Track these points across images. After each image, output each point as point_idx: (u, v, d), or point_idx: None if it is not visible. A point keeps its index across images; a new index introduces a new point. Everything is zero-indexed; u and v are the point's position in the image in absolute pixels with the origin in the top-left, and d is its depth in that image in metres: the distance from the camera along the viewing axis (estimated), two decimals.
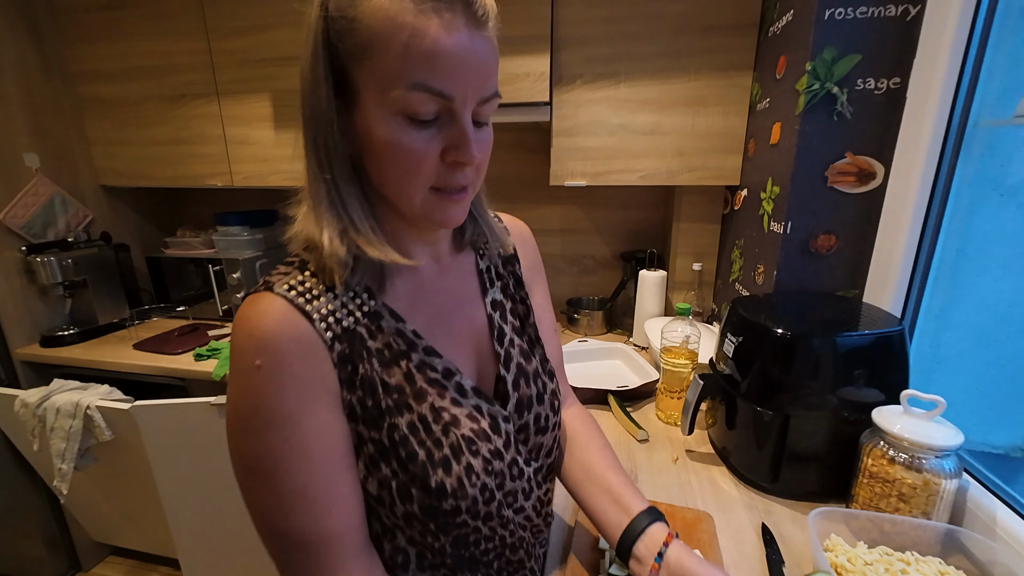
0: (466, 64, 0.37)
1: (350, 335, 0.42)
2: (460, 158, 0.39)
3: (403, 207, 0.42)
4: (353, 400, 0.42)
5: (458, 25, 0.36)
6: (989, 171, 0.74)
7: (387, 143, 0.38)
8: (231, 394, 0.39)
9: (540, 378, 0.53)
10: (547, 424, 0.53)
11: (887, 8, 0.79)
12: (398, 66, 0.36)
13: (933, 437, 0.60)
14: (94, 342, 1.50)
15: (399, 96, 0.36)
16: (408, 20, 0.35)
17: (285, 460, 0.38)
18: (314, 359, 0.40)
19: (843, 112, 0.84)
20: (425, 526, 0.44)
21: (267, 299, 0.39)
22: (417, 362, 0.45)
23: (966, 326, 0.81)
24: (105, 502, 1.45)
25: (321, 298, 0.41)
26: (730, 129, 1.16)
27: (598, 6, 1.14)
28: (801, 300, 0.88)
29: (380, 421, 0.42)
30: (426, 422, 0.43)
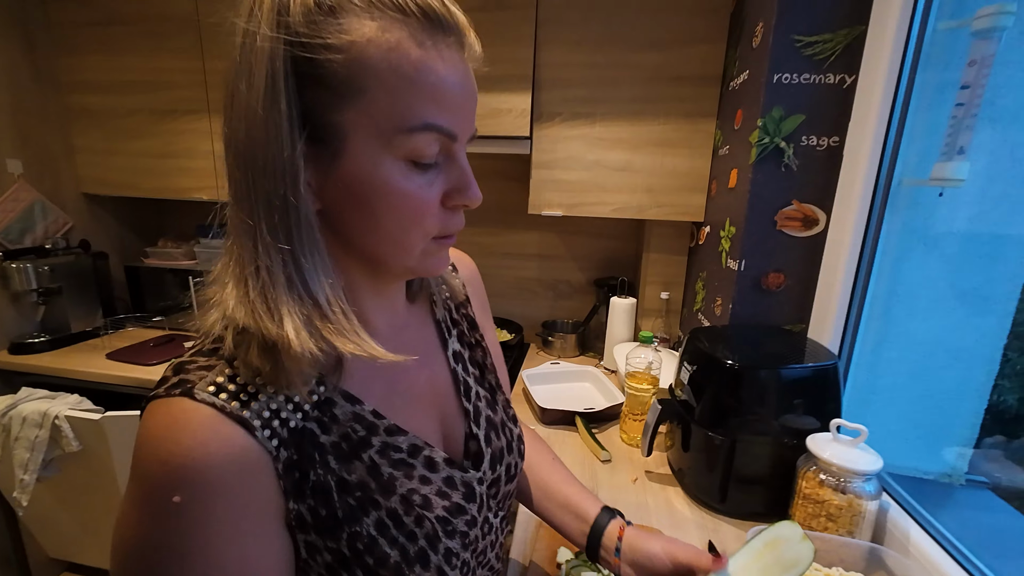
0: (468, 101, 0.34)
1: (298, 436, 0.33)
2: (466, 201, 0.35)
3: (396, 262, 0.36)
4: (302, 509, 0.33)
5: (458, 59, 0.32)
6: (914, 223, 0.84)
7: (389, 193, 0.32)
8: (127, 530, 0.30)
9: (507, 426, 0.50)
10: (515, 472, 0.50)
11: (827, 76, 0.89)
12: (403, 104, 0.30)
13: (857, 462, 0.67)
14: (66, 350, 1.48)
15: (402, 138, 0.31)
16: (411, 53, 0.30)
17: None
18: (253, 480, 0.31)
19: (790, 164, 0.93)
20: None
21: (186, 408, 0.29)
22: (379, 447, 0.37)
23: (898, 361, 0.89)
24: (65, 515, 1.42)
25: (260, 395, 0.32)
26: (695, 170, 1.26)
27: (578, 52, 1.24)
28: (752, 333, 0.96)
29: (338, 531, 0.34)
30: (396, 516, 0.37)
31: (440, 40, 0.31)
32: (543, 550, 0.70)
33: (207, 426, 0.29)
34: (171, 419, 0.29)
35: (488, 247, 1.72)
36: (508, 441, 0.49)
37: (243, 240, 0.31)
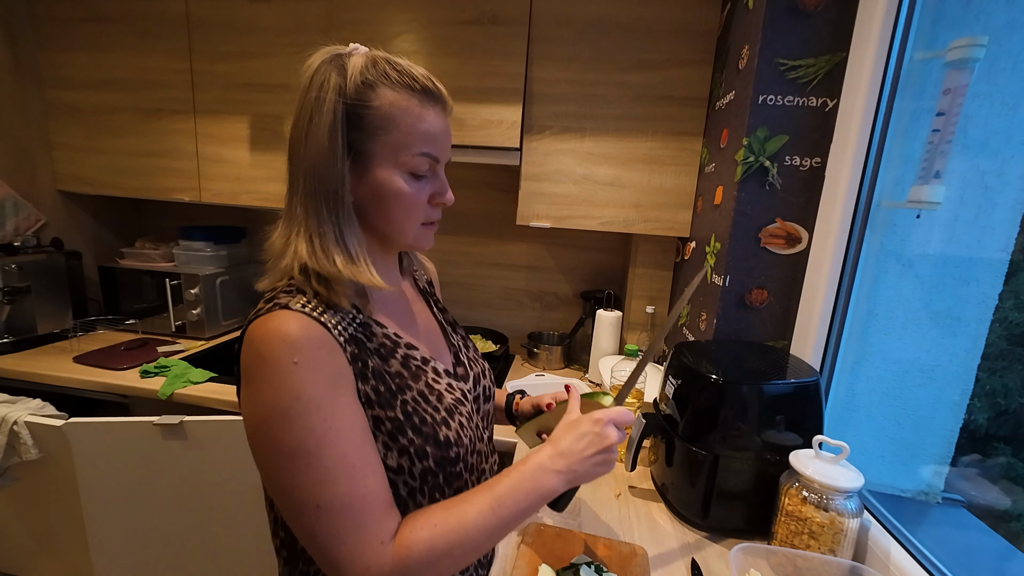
0: (446, 139, 0.54)
1: (355, 340, 0.50)
2: (443, 200, 0.56)
3: (398, 239, 0.55)
4: (367, 389, 0.50)
5: (441, 114, 0.53)
6: (891, 244, 0.86)
7: (397, 193, 0.51)
8: (264, 395, 0.44)
9: (479, 361, 0.69)
10: (491, 394, 0.68)
11: (809, 99, 0.92)
12: (408, 139, 0.50)
13: (838, 479, 0.67)
14: (30, 352, 1.42)
15: (407, 159, 0.51)
16: (415, 112, 0.50)
17: (325, 437, 0.45)
18: (337, 357, 0.47)
19: (774, 183, 0.95)
20: (436, 479, 0.54)
21: (288, 314, 0.46)
22: (403, 355, 0.55)
23: (875, 379, 0.91)
24: (20, 527, 1.34)
25: (326, 313, 0.49)
26: (682, 187, 1.28)
27: (568, 70, 1.26)
28: (736, 348, 0.96)
29: (393, 401, 0.51)
30: (424, 395, 0.54)
31: (431, 105, 0.52)
32: (523, 567, 0.68)
33: (304, 322, 0.46)
34: (280, 319, 0.45)
35: (477, 257, 1.72)
36: (482, 370, 0.68)
37: (309, 218, 0.49)
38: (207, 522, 1.21)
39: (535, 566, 0.68)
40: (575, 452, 0.52)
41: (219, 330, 1.64)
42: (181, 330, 1.59)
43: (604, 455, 0.53)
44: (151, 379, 1.28)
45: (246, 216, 1.83)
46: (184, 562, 1.23)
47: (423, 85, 0.51)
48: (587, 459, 0.52)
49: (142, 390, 1.24)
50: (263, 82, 1.42)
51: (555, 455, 0.52)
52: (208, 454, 1.16)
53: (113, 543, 1.19)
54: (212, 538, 1.22)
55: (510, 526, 0.49)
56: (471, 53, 1.26)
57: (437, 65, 1.27)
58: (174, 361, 1.36)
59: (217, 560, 1.24)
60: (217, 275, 1.61)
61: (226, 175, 1.50)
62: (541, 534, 0.75)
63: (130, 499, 1.16)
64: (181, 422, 1.12)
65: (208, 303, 1.58)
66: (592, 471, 0.53)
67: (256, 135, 1.46)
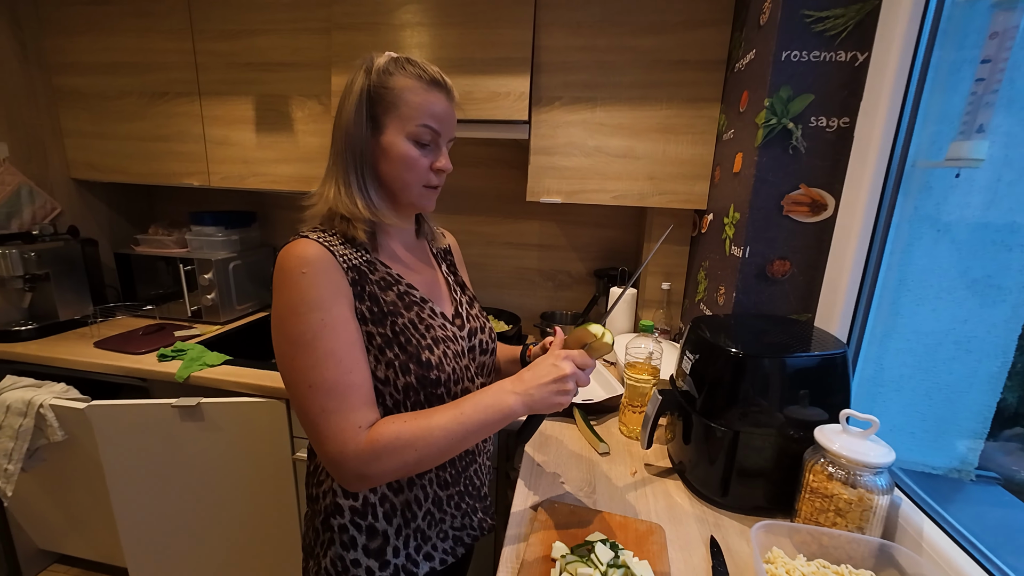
0: (447, 118, 0.65)
1: (357, 269, 0.62)
2: (441, 166, 0.66)
3: (403, 197, 0.66)
4: (363, 308, 0.61)
5: (444, 99, 0.65)
6: (925, 208, 0.80)
7: (403, 156, 0.63)
8: (280, 297, 0.57)
9: (480, 319, 0.77)
10: (487, 348, 0.76)
11: (838, 54, 0.85)
12: (413, 113, 0.62)
13: (868, 455, 0.64)
14: (53, 338, 1.45)
15: (413, 129, 0.63)
16: (421, 93, 0.62)
17: (322, 331, 0.55)
18: (337, 274, 0.59)
19: (798, 146, 0.90)
20: (417, 396, 0.63)
21: (304, 240, 0.59)
22: (402, 291, 0.66)
23: (906, 352, 0.86)
24: (52, 506, 1.39)
25: (338, 245, 0.62)
26: (698, 157, 1.22)
27: (578, 36, 1.20)
28: (756, 322, 0.92)
29: (384, 320, 0.62)
30: (414, 323, 0.64)
31: (436, 91, 0.64)
32: (537, 544, 0.67)
33: (315, 246, 0.59)
34: (298, 244, 0.59)
35: (487, 236, 1.69)
36: (480, 326, 0.76)
37: (340, 171, 0.64)
38: (225, 499, 1.23)
39: (549, 543, 0.67)
40: (533, 379, 0.60)
41: (233, 315, 1.66)
42: (197, 315, 1.61)
43: (559, 384, 0.59)
44: (168, 363, 1.30)
45: (255, 200, 1.83)
46: (205, 536, 1.27)
47: (431, 76, 0.63)
48: (543, 386, 0.59)
49: (160, 373, 1.26)
50: (266, 60, 1.40)
51: (515, 380, 0.61)
52: (224, 434, 1.17)
53: (138, 519, 1.22)
54: (230, 513, 1.25)
55: (470, 434, 0.57)
56: (475, 22, 1.21)
57: (441, 35, 1.23)
58: (190, 345, 1.37)
59: (236, 534, 1.28)
60: (230, 260, 1.61)
61: (233, 158, 1.49)
62: (555, 511, 0.74)
63: (152, 477, 1.19)
64: (198, 404, 1.14)
65: (222, 288, 1.59)
66: (548, 399, 0.59)
67: (261, 116, 1.44)
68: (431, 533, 0.70)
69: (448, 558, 0.72)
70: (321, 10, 1.33)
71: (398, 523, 0.67)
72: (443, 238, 0.83)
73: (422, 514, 0.68)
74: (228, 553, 1.29)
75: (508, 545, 0.69)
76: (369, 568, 0.65)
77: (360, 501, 0.65)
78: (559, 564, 0.61)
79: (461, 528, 0.74)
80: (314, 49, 1.36)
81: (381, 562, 0.66)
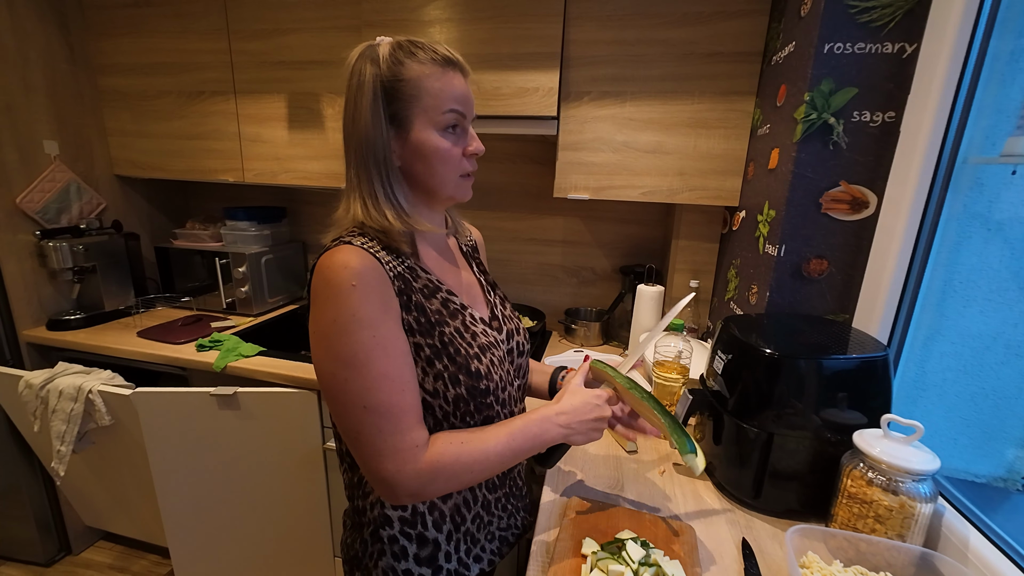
0: (468, 98, 0.61)
1: (402, 277, 0.59)
2: (474, 148, 0.62)
3: (440, 191, 0.62)
4: (411, 319, 0.58)
5: (460, 78, 0.60)
6: (976, 206, 0.77)
7: (436, 148, 0.59)
8: (326, 312, 0.53)
9: (513, 319, 0.75)
10: (523, 350, 0.74)
11: (884, 45, 0.82)
12: (437, 100, 0.58)
13: (910, 461, 0.62)
14: (99, 328, 1.53)
15: (439, 118, 0.58)
16: (439, 76, 0.58)
17: (373, 352, 0.53)
18: (387, 287, 0.56)
19: (839, 142, 0.87)
20: (468, 406, 0.62)
21: (350, 248, 0.55)
22: (443, 298, 0.63)
23: (951, 356, 0.83)
24: (99, 487, 1.47)
25: (381, 251, 0.58)
26: (731, 152, 1.19)
27: (607, 29, 1.18)
28: (791, 322, 0.90)
29: (432, 330, 0.59)
30: (460, 331, 0.62)
31: (452, 70, 0.59)
32: (567, 540, 0.68)
33: (363, 255, 0.55)
34: (344, 252, 0.54)
35: (512, 232, 1.69)
36: (515, 327, 0.74)
37: (363, 183, 0.59)
38: (259, 483, 1.28)
39: (579, 539, 0.67)
40: (577, 413, 0.63)
41: (265, 307, 1.71)
42: (231, 307, 1.67)
43: (598, 423, 0.64)
44: (206, 352, 1.35)
45: (286, 196, 1.87)
46: (240, 518, 1.32)
47: (443, 55, 0.58)
48: (584, 422, 0.63)
49: (198, 363, 1.31)
50: (296, 59, 1.43)
51: (559, 412, 0.63)
52: (258, 422, 1.22)
53: (179, 500, 1.28)
54: (264, 497, 1.30)
55: (516, 459, 0.60)
56: (504, 16, 1.20)
57: (469, 31, 1.23)
58: (226, 336, 1.42)
59: (269, 517, 1.33)
60: (262, 254, 1.66)
61: (266, 155, 1.53)
62: (584, 508, 0.75)
63: (192, 461, 1.24)
64: (235, 393, 1.18)
65: (255, 281, 1.64)
66: (586, 434, 0.63)
67: (293, 113, 1.47)
68: (480, 536, 0.69)
69: (496, 558, 0.72)
70: (350, 8, 1.35)
71: (448, 529, 0.66)
72: (467, 231, 0.80)
73: (471, 517, 0.68)
74: (262, 534, 1.34)
75: (538, 540, 0.69)
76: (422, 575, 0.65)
77: (409, 511, 0.64)
78: (590, 560, 0.62)
79: (507, 528, 0.74)
80: (344, 47, 1.37)
81: (434, 568, 0.65)
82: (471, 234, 0.82)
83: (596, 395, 0.65)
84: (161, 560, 1.68)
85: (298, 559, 1.39)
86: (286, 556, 1.38)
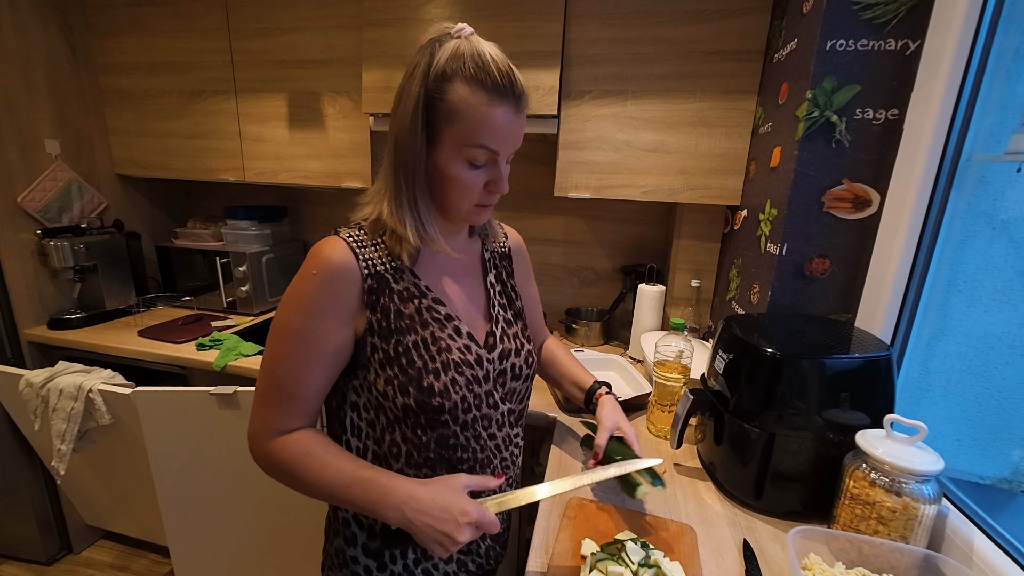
0: (510, 136, 0.57)
1: (379, 276, 0.59)
2: (497, 190, 0.60)
3: (451, 215, 0.62)
4: (373, 320, 0.59)
5: (509, 112, 0.55)
6: (981, 205, 0.76)
7: (454, 178, 0.57)
8: (292, 285, 0.58)
9: (519, 339, 0.70)
10: (521, 374, 0.69)
11: (887, 42, 0.81)
12: (471, 132, 0.55)
13: (914, 462, 0.61)
14: (100, 327, 1.53)
15: (467, 150, 0.56)
16: (482, 108, 0.54)
17: (297, 335, 0.56)
18: (349, 287, 0.57)
19: (841, 140, 0.86)
20: (417, 419, 0.60)
21: (335, 239, 0.58)
22: (426, 305, 0.62)
23: (954, 356, 0.82)
24: (99, 485, 1.47)
25: (367, 248, 0.59)
26: (732, 151, 1.19)
27: (608, 28, 1.18)
28: (793, 321, 0.90)
29: (389, 337, 0.59)
30: (426, 343, 0.60)
31: (500, 101, 0.54)
32: (566, 541, 0.67)
33: (342, 250, 0.57)
34: (328, 242, 0.58)
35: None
36: (517, 348, 0.69)
37: (391, 185, 0.59)
38: (258, 482, 1.28)
39: (578, 540, 0.66)
40: (432, 512, 0.54)
41: (266, 306, 1.71)
42: (232, 306, 1.67)
43: (445, 539, 0.53)
44: (206, 352, 1.35)
45: (287, 195, 1.87)
46: (240, 517, 1.32)
47: (495, 81, 0.53)
48: (430, 527, 0.53)
49: (198, 362, 1.31)
50: (298, 58, 1.42)
51: (413, 497, 0.54)
52: None
53: (179, 499, 1.28)
54: (263, 496, 1.29)
55: (348, 505, 0.57)
56: (505, 14, 1.20)
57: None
58: (226, 335, 1.42)
59: (268, 515, 1.32)
60: (262, 253, 1.66)
61: (266, 154, 1.53)
62: (584, 509, 0.74)
63: (192, 460, 1.24)
64: (235, 392, 1.18)
65: (255, 280, 1.64)
66: (425, 539, 0.54)
67: (294, 112, 1.47)
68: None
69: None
70: (352, 6, 1.35)
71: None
72: (502, 236, 0.77)
73: None
74: (261, 533, 1.34)
75: (536, 541, 0.69)
76: (367, 568, 0.65)
77: None
78: (589, 561, 0.61)
79: (466, 553, 0.70)
80: (345, 46, 1.38)
81: (379, 563, 0.65)
82: (507, 239, 0.78)
83: (464, 511, 0.54)
84: (161, 559, 1.68)
85: (297, 557, 1.38)
86: (285, 554, 1.38)
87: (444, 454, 0.62)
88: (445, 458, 0.63)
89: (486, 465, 0.66)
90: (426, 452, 0.62)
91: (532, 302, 0.84)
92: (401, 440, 0.62)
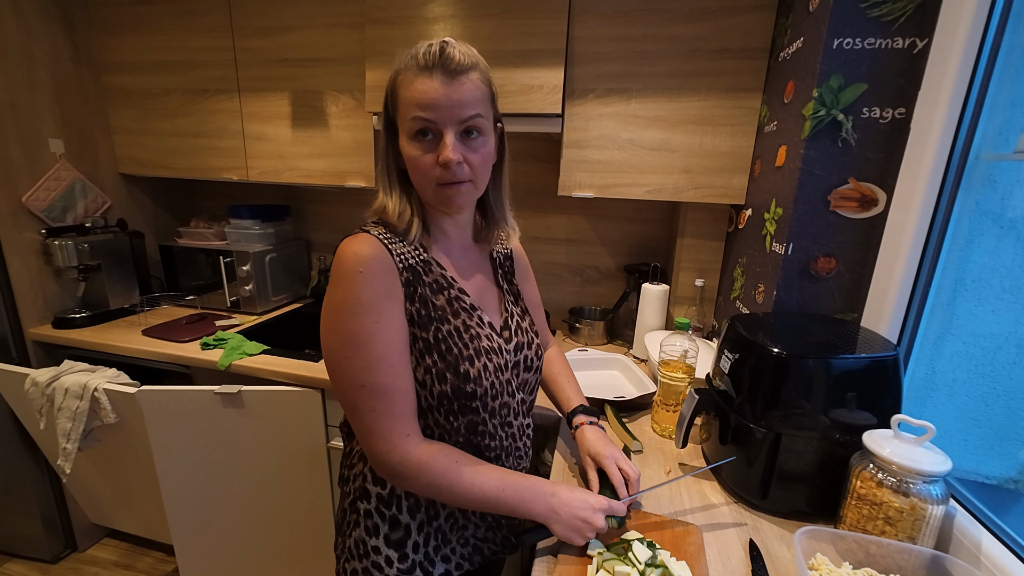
0: (440, 103, 0.57)
1: (412, 269, 0.62)
2: (442, 158, 0.58)
3: (423, 195, 0.64)
4: (413, 310, 0.61)
5: (436, 81, 0.57)
6: (989, 204, 0.76)
7: (409, 157, 0.61)
8: (335, 293, 0.58)
9: (528, 333, 0.75)
10: (532, 365, 0.73)
11: (895, 40, 0.80)
12: (406, 109, 0.59)
13: (921, 462, 0.61)
14: (104, 326, 1.53)
15: (407, 124, 0.59)
16: (410, 84, 0.58)
17: (375, 335, 0.57)
18: (393, 276, 0.60)
19: (848, 139, 0.85)
20: (451, 405, 0.63)
21: (365, 236, 0.60)
22: (454, 295, 0.65)
23: (961, 356, 0.82)
24: (104, 484, 1.48)
25: (396, 243, 0.62)
26: (737, 149, 1.18)
27: (612, 25, 1.17)
28: (799, 321, 0.89)
29: (429, 326, 0.62)
30: (459, 331, 0.63)
31: (426, 74, 0.57)
32: None
33: (374, 244, 0.60)
34: (359, 239, 0.60)
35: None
36: (528, 341, 0.73)
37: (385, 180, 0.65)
38: (263, 482, 1.28)
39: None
40: (571, 504, 0.62)
41: (269, 305, 1.71)
42: (235, 305, 1.67)
43: (585, 525, 0.62)
44: (210, 351, 1.35)
45: (290, 194, 1.87)
46: (245, 516, 1.32)
47: (421, 60, 0.57)
48: (574, 516, 0.62)
49: (203, 361, 1.32)
50: (301, 57, 1.42)
51: (555, 493, 0.63)
52: (262, 421, 1.22)
53: (183, 498, 1.28)
54: (268, 495, 1.30)
55: (495, 509, 0.62)
56: (509, 12, 1.19)
57: (473, 28, 1.22)
58: (230, 335, 1.42)
59: (273, 515, 1.33)
60: (266, 252, 1.66)
61: (269, 153, 1.53)
62: None
63: (197, 459, 1.24)
64: (239, 391, 1.18)
65: (258, 279, 1.65)
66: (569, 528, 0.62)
67: (297, 111, 1.47)
68: (452, 536, 0.70)
69: (465, 564, 0.71)
70: (354, 5, 1.34)
71: (421, 519, 0.67)
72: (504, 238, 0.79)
73: (444, 515, 0.69)
74: (265, 531, 1.35)
75: (543, 544, 0.69)
76: (388, 558, 0.66)
77: (387, 490, 0.66)
78: (596, 561, 0.61)
79: (483, 540, 0.73)
80: (348, 44, 1.38)
81: (400, 554, 0.66)
82: (507, 240, 0.82)
83: (597, 501, 0.64)
84: (166, 557, 1.68)
85: (302, 556, 1.39)
86: (290, 553, 1.38)
87: (472, 439, 0.66)
88: (473, 443, 0.66)
89: (510, 453, 0.70)
90: (455, 437, 0.65)
91: (533, 306, 0.85)
92: (434, 425, 0.65)
